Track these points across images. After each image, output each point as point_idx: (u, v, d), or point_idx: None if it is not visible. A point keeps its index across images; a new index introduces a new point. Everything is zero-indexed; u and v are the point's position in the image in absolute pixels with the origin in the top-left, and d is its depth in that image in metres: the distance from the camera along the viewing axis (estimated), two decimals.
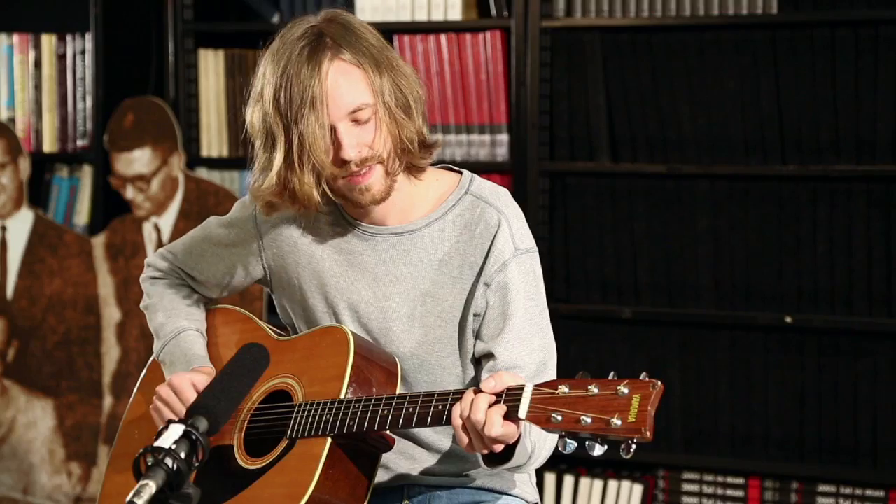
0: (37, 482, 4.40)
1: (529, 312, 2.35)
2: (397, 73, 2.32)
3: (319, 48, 2.28)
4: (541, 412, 2.04)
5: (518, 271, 2.35)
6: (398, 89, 2.31)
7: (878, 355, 3.74)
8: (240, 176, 4.27)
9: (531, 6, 3.93)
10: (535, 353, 2.33)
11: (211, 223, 2.54)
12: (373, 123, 2.29)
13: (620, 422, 1.98)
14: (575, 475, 4.02)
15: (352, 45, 2.30)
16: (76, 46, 4.41)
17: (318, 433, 2.25)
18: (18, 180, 4.41)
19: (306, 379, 2.34)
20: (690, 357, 3.90)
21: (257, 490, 2.28)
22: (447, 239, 2.37)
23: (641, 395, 2.01)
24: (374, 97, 2.28)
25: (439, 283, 2.37)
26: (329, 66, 2.27)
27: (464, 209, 2.38)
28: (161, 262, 2.58)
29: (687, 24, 3.82)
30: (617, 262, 3.93)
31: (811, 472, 3.82)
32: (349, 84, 2.27)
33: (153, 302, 2.56)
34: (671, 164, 3.86)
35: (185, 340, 2.48)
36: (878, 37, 3.67)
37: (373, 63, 2.29)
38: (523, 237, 2.39)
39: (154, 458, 1.82)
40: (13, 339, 4.43)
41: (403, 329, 2.38)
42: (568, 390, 2.04)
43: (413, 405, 2.19)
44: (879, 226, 3.70)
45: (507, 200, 2.40)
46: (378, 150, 2.29)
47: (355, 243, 2.41)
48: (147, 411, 2.50)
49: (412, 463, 2.41)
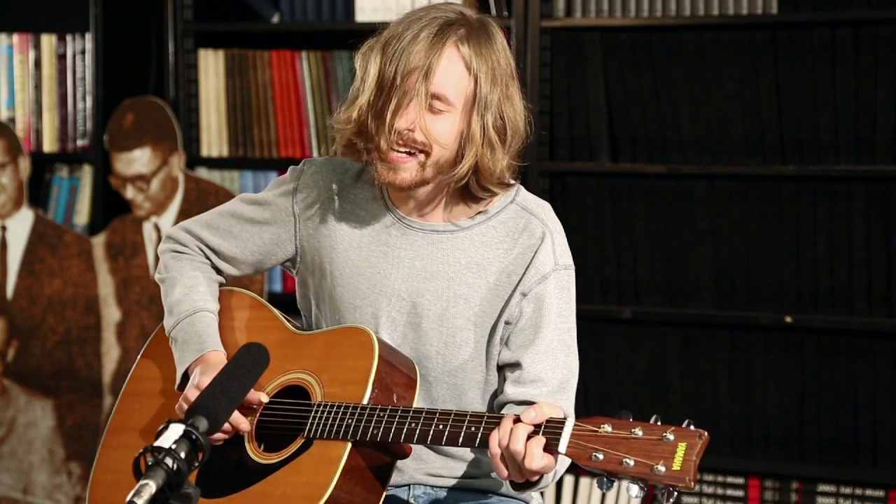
0: (37, 482, 4.40)
1: (560, 329, 2.36)
2: (507, 101, 2.31)
3: (453, 29, 2.27)
4: (581, 448, 2.04)
5: (556, 286, 2.35)
6: (500, 115, 2.30)
7: (878, 355, 3.74)
8: (240, 176, 4.27)
9: (531, 6, 3.93)
10: (559, 370, 2.34)
11: (242, 200, 2.52)
12: (445, 120, 2.28)
13: (664, 468, 1.98)
14: (575, 475, 4.02)
15: (479, 48, 2.29)
16: (76, 46, 4.40)
17: (338, 437, 2.23)
18: (18, 180, 4.41)
19: (326, 378, 2.32)
20: (690, 357, 3.90)
21: (269, 486, 2.26)
22: (488, 244, 2.37)
23: (688, 445, 1.99)
24: (461, 103, 2.28)
25: (474, 287, 2.36)
26: (448, 46, 2.26)
27: (508, 217, 2.38)
28: (184, 234, 2.54)
29: (687, 24, 3.82)
30: (617, 262, 3.93)
31: (811, 472, 3.82)
32: (447, 72, 2.26)
33: (172, 276, 2.51)
34: (671, 164, 3.86)
35: (201, 321, 2.44)
36: (878, 37, 3.67)
37: (487, 75, 2.28)
38: (563, 254, 2.39)
39: (154, 457, 1.82)
40: (13, 339, 4.43)
41: (432, 327, 2.37)
42: (611, 430, 2.04)
43: (443, 423, 2.18)
44: (879, 226, 3.70)
45: (551, 215, 2.41)
46: (431, 144, 2.28)
47: (395, 235, 2.40)
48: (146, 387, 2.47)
49: (419, 464, 2.41)
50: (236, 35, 4.33)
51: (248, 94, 4.23)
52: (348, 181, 2.45)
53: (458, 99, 2.27)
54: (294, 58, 4.18)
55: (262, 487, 2.27)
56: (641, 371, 3.93)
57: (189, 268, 2.51)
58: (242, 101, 4.24)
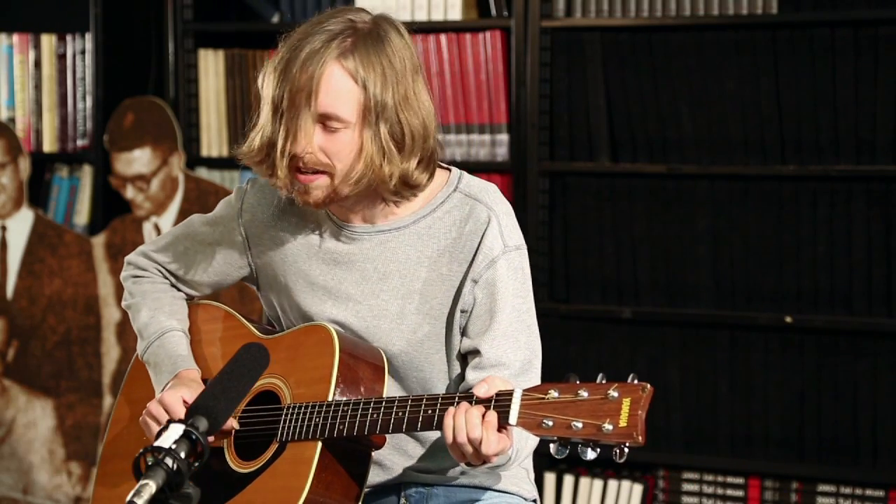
0: (37, 482, 4.40)
1: (517, 310, 2.33)
2: (406, 106, 2.26)
3: (336, 41, 2.24)
4: (531, 418, 2.03)
5: (507, 268, 2.33)
6: (398, 122, 2.26)
7: (878, 355, 3.74)
8: (240, 176, 4.27)
9: (531, 6, 3.93)
10: (520, 351, 2.32)
11: (194, 221, 2.53)
12: (342, 137, 2.25)
13: (612, 427, 1.97)
14: (575, 475, 4.02)
15: (366, 56, 2.24)
16: (76, 46, 4.40)
17: (307, 437, 2.24)
18: (18, 180, 4.41)
19: (293, 380, 2.32)
20: (690, 357, 3.90)
21: (250, 495, 2.27)
22: (435, 236, 2.36)
23: (632, 399, 1.97)
24: (356, 117, 2.24)
25: (428, 281, 2.35)
26: (329, 63, 2.22)
27: (453, 206, 2.36)
28: (142, 259, 2.55)
29: (687, 24, 3.82)
30: (617, 262, 3.92)
31: (811, 472, 3.82)
32: (334, 91, 2.23)
33: (136, 301, 2.53)
34: (671, 164, 3.86)
35: (170, 341, 2.45)
36: (878, 37, 3.67)
37: (377, 82, 2.24)
38: (512, 234, 2.36)
39: (154, 457, 1.82)
40: (13, 339, 4.43)
41: (392, 327, 2.36)
42: (557, 395, 2.02)
43: (402, 409, 2.18)
44: (879, 226, 3.70)
45: (496, 197, 2.38)
46: (333, 163, 2.26)
47: (342, 241, 2.39)
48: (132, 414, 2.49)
49: (406, 458, 2.40)
50: (236, 35, 4.33)
51: (248, 94, 4.23)
52: None
53: (351, 114, 2.24)
54: None
55: (244, 497, 2.28)
56: (641, 371, 3.93)
57: (151, 290, 2.53)
58: (242, 101, 4.24)
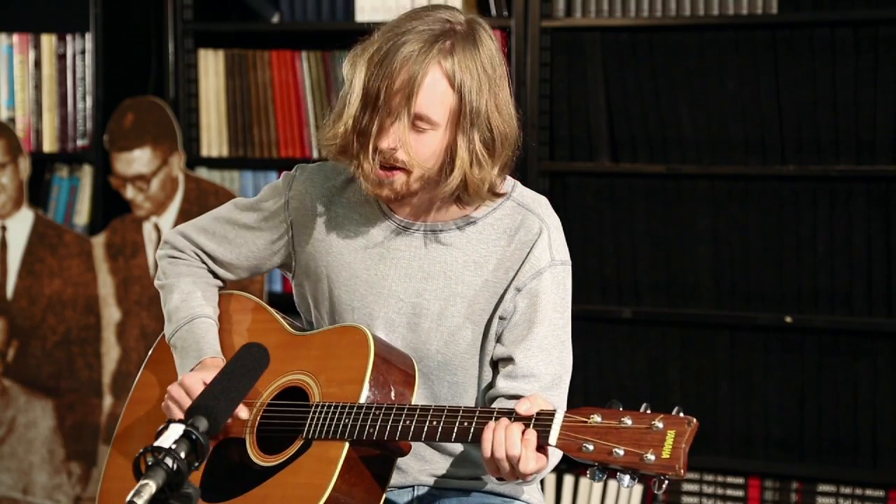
0: (37, 482, 4.39)
1: (554, 324, 2.34)
2: (496, 109, 2.27)
3: (438, 43, 2.23)
4: (571, 440, 2.03)
5: (551, 282, 2.34)
6: (489, 128, 2.27)
7: (878, 355, 3.74)
8: (240, 176, 4.27)
9: (531, 6, 3.93)
10: (552, 365, 2.33)
11: (237, 205, 2.51)
12: (429, 138, 2.25)
13: (654, 457, 1.97)
14: (575, 475, 4.02)
15: (464, 60, 2.24)
16: (76, 46, 4.40)
17: (335, 437, 2.23)
18: (18, 180, 4.41)
19: (323, 378, 2.32)
20: (690, 357, 3.90)
21: (270, 489, 2.26)
22: (485, 241, 2.36)
23: (676, 432, 1.98)
24: (446, 120, 2.25)
25: (472, 285, 2.35)
26: (431, 65, 2.22)
27: (505, 214, 2.37)
28: (181, 239, 2.54)
29: (687, 24, 3.82)
30: (617, 262, 3.93)
31: (811, 472, 3.82)
32: (430, 91, 2.23)
33: (170, 282, 2.51)
34: (671, 164, 3.86)
35: (199, 327, 2.44)
36: (878, 37, 3.67)
37: (473, 88, 2.24)
38: (560, 249, 2.38)
39: (154, 457, 1.82)
40: (13, 339, 4.43)
41: (431, 327, 2.36)
42: (600, 420, 2.03)
43: (437, 419, 2.17)
44: (879, 226, 3.70)
45: (548, 210, 2.40)
46: (414, 162, 2.26)
47: (390, 236, 2.39)
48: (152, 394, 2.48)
49: (423, 464, 2.41)
50: (236, 35, 4.33)
51: (248, 94, 4.23)
52: (340, 185, 2.43)
53: (443, 117, 2.25)
54: (294, 58, 4.18)
55: (262, 490, 2.27)
56: (641, 371, 3.93)
57: (186, 273, 2.51)
58: (242, 101, 4.24)
